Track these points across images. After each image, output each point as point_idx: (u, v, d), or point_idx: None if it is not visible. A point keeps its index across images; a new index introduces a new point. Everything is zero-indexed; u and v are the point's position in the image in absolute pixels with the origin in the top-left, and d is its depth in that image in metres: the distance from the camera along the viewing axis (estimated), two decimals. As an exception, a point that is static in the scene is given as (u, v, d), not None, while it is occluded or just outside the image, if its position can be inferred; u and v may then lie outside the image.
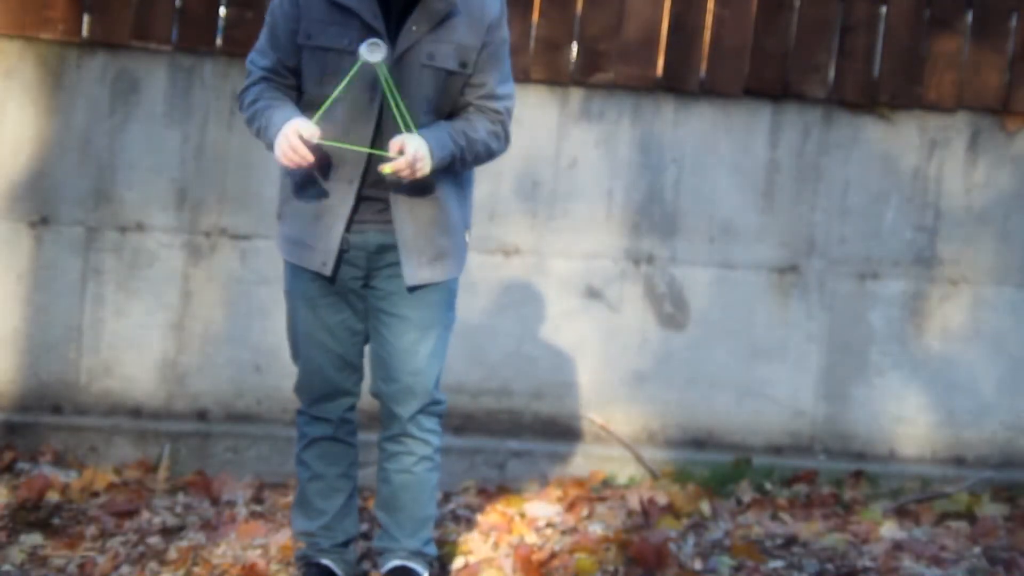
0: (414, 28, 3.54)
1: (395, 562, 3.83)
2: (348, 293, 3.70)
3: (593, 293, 5.28)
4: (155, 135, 5.07)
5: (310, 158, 3.49)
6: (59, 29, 4.97)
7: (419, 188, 3.60)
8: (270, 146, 3.58)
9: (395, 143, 3.49)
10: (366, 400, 3.88)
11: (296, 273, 3.73)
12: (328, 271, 3.64)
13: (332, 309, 3.71)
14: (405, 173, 3.49)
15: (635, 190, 5.27)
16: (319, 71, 3.59)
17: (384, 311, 3.71)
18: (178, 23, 5.04)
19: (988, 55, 5.32)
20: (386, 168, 3.49)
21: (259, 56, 3.69)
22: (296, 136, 3.47)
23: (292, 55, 3.62)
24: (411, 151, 3.47)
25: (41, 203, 5.05)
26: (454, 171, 3.67)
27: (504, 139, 3.73)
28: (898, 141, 5.36)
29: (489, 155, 3.72)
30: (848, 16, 5.27)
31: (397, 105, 3.49)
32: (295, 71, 3.64)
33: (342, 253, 3.64)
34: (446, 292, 3.75)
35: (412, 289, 3.66)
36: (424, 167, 3.51)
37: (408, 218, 3.63)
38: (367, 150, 3.55)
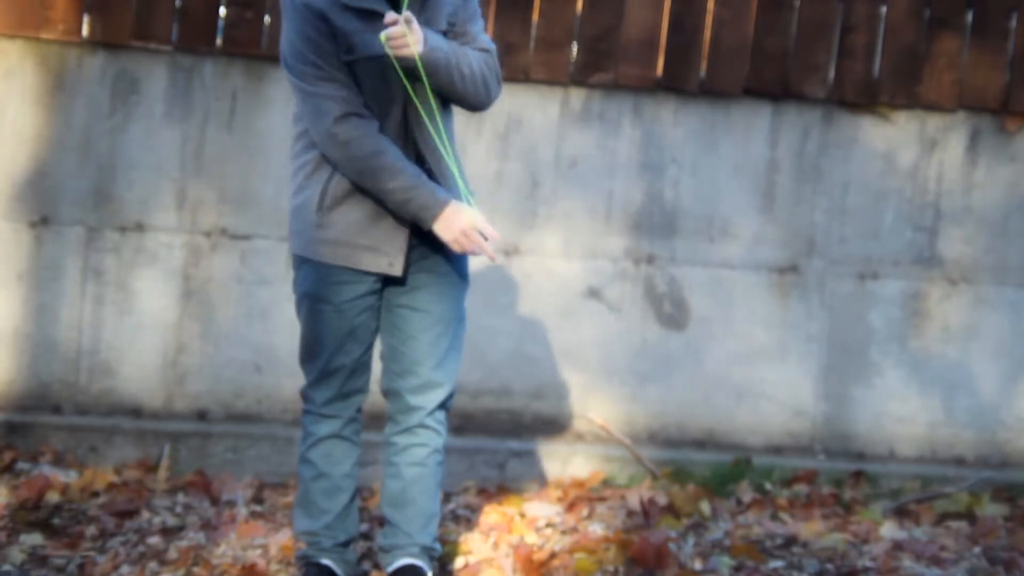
0: (410, 6, 3.58)
1: (405, 560, 3.81)
2: (373, 294, 3.73)
3: (593, 293, 5.28)
4: (155, 135, 5.07)
5: (490, 252, 3.64)
6: (59, 29, 4.97)
7: (441, 173, 3.65)
8: (426, 222, 3.61)
9: (389, 16, 3.45)
10: (366, 400, 3.88)
11: (326, 277, 3.70)
12: (398, 271, 3.67)
13: (358, 312, 3.71)
14: (398, 39, 3.44)
15: (635, 190, 5.27)
16: (368, 81, 3.59)
17: (404, 305, 3.74)
18: (178, 23, 5.04)
19: (988, 55, 5.32)
20: (382, 35, 3.43)
21: (321, 83, 3.57)
22: (479, 235, 3.58)
23: (344, 70, 3.58)
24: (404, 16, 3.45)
25: (41, 203, 5.05)
26: (451, 80, 3.61)
27: (496, 80, 3.72)
28: (898, 141, 5.36)
29: (483, 80, 3.68)
30: (848, 16, 5.27)
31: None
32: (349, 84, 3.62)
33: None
34: (463, 286, 3.81)
35: (458, 277, 3.76)
36: (415, 42, 3.45)
37: None
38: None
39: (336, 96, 3.58)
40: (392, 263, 3.67)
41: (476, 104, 3.73)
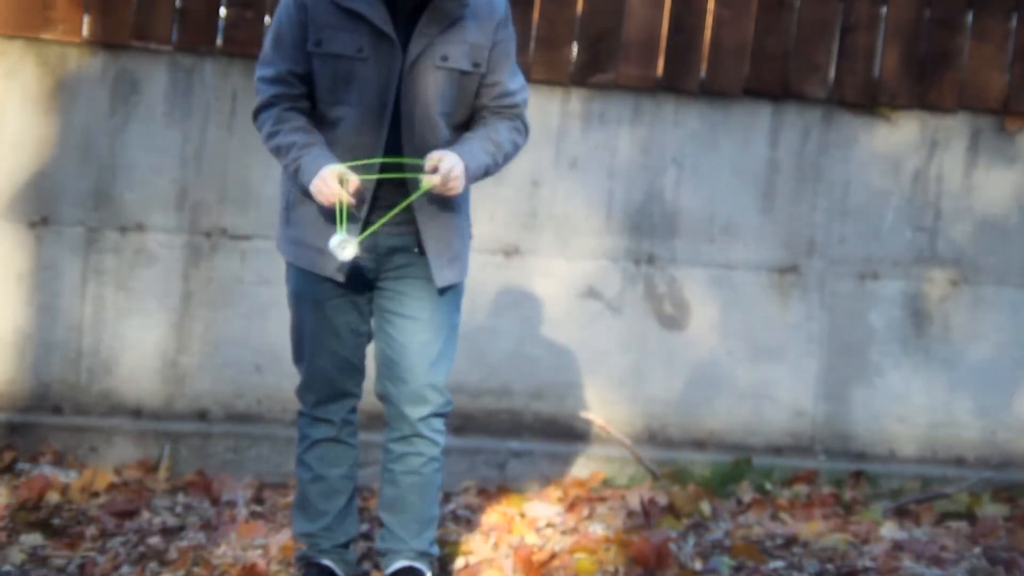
0: (425, 31, 3.54)
1: (402, 563, 3.82)
2: (355, 295, 3.70)
3: (593, 293, 5.28)
4: (155, 135, 5.07)
5: (351, 201, 3.50)
6: (59, 29, 4.97)
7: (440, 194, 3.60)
8: (303, 186, 3.56)
9: (431, 159, 3.50)
10: (365, 400, 3.88)
11: (302, 276, 3.71)
12: (342, 277, 3.64)
13: (338, 311, 3.70)
14: (441, 189, 3.50)
15: (635, 190, 5.27)
16: (331, 79, 3.57)
17: (394, 312, 3.71)
18: (178, 23, 5.04)
19: (988, 55, 5.32)
20: (424, 184, 3.49)
21: (266, 68, 3.63)
22: (336, 182, 3.47)
23: (301, 62, 3.58)
24: (446, 168, 3.48)
25: (41, 203, 5.05)
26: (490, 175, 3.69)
27: (524, 131, 3.75)
28: (898, 141, 5.36)
29: (516, 151, 3.74)
30: (848, 16, 5.28)
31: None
32: (305, 78, 3.59)
33: (355, 258, 3.64)
34: (456, 293, 3.76)
35: (443, 291, 3.68)
36: (459, 184, 3.52)
37: (431, 221, 3.63)
38: (405, 175, 3.55)
39: (271, 79, 3.60)
40: (339, 268, 3.63)
41: None
